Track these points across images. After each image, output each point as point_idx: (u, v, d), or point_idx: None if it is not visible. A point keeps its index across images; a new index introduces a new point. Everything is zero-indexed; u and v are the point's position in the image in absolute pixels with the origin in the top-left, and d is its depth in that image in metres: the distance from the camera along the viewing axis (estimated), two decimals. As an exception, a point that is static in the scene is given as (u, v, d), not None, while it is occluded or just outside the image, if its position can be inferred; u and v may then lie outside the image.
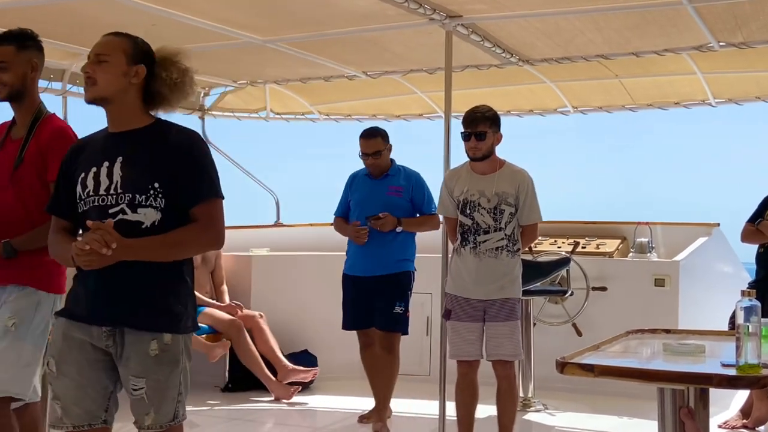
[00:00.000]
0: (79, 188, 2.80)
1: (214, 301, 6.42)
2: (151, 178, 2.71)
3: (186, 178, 2.74)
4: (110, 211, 2.71)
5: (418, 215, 5.34)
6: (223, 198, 2.82)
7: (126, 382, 2.73)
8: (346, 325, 5.40)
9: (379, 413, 5.22)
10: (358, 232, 5.21)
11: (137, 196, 2.70)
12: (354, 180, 5.48)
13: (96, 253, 2.60)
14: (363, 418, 5.35)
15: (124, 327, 2.71)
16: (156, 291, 2.74)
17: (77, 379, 2.73)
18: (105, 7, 4.93)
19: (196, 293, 6.30)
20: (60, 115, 6.61)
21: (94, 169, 2.77)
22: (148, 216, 2.70)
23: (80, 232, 2.86)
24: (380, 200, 5.23)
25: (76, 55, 6.05)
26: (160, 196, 2.71)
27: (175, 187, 2.72)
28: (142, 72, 2.80)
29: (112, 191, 2.72)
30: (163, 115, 2.89)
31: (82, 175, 2.79)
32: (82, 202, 2.78)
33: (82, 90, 6.66)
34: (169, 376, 2.72)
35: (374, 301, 5.23)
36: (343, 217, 5.49)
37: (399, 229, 5.19)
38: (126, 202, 2.70)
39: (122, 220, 2.69)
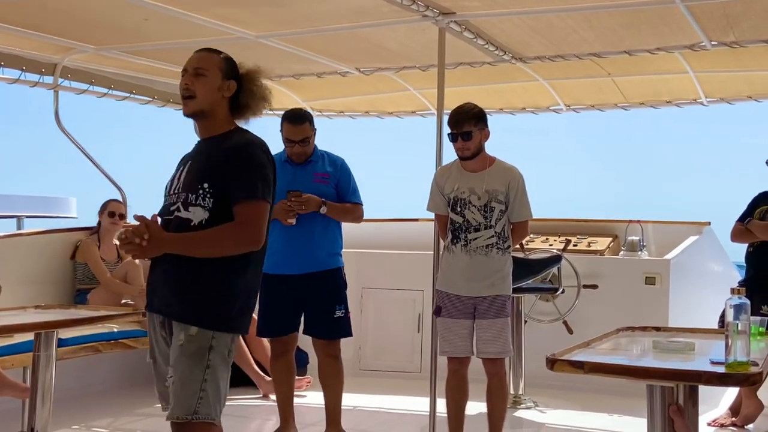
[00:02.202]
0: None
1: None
2: (201, 179, 2.92)
3: (231, 179, 2.90)
4: (171, 208, 2.97)
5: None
6: (263, 200, 2.92)
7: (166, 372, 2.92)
8: (265, 332, 4.85)
9: (336, 426, 4.80)
10: (287, 209, 4.55)
11: (189, 195, 2.93)
12: None
13: (133, 243, 2.84)
14: None
15: (171, 318, 2.93)
16: (193, 285, 2.88)
17: (161, 367, 2.99)
18: (97, 2, 4.92)
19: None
20: (51, 110, 6.65)
21: (174, 172, 3.08)
22: (196, 214, 2.90)
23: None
24: (307, 189, 4.63)
25: (68, 49, 6.03)
26: (208, 196, 2.90)
27: (224, 189, 2.90)
28: (233, 87, 3.07)
29: (174, 191, 3.00)
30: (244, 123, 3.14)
31: (170, 176, 3.10)
32: (163, 199, 3.08)
33: (73, 84, 6.70)
34: (192, 369, 2.81)
35: (306, 305, 4.74)
36: None
37: (323, 209, 4.62)
38: (181, 200, 2.94)
39: (177, 217, 2.93)
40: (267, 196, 2.94)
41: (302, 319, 4.82)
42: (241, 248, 2.88)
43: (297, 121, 4.70)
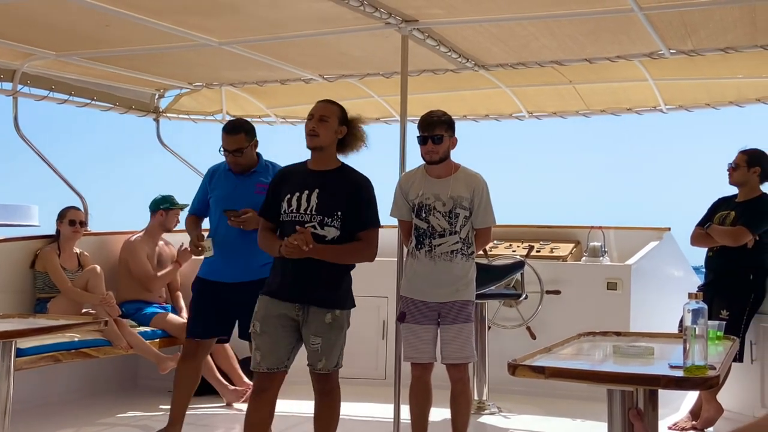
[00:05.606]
0: (284, 204, 3.98)
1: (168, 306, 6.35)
2: (337, 207, 3.93)
3: (359, 211, 3.98)
4: (305, 225, 3.89)
5: None
6: (379, 227, 4.08)
7: (307, 339, 3.97)
8: (196, 334, 4.88)
9: None
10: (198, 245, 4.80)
11: (325, 218, 3.92)
12: (214, 174, 4.93)
13: (298, 247, 3.79)
14: None
15: (310, 305, 3.93)
16: (331, 282, 3.97)
17: (274, 337, 3.94)
18: (57, 7, 4.86)
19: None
20: (10, 116, 6.53)
21: (297, 194, 3.96)
22: (330, 233, 3.93)
23: (277, 233, 4.06)
24: (247, 199, 4.63)
25: (27, 55, 5.96)
26: (340, 220, 3.93)
27: (351, 216, 3.95)
28: (344, 131, 4.03)
29: (308, 212, 3.93)
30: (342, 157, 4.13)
31: (288, 196, 3.98)
32: (285, 214, 3.98)
33: (33, 90, 6.60)
34: (338, 337, 4.00)
35: (235, 312, 4.76)
36: (199, 216, 5.02)
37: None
38: (318, 221, 3.91)
39: (312, 233, 3.86)
40: (380, 224, 4.11)
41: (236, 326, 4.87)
42: (363, 261, 4.06)
43: (232, 131, 4.80)
